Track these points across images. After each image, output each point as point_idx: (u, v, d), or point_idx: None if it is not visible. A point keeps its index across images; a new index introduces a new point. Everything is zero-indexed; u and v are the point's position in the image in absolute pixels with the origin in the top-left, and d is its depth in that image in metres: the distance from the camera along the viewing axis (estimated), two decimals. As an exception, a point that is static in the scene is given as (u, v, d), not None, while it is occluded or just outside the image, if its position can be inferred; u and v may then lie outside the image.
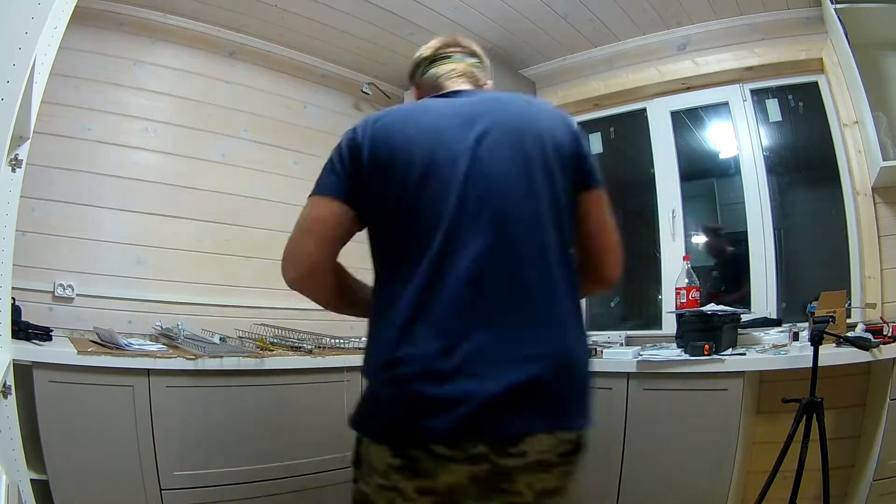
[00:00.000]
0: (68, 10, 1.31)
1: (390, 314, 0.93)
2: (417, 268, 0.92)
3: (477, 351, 0.89)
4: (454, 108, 1.03)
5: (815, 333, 1.58)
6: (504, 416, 0.89)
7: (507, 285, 0.93)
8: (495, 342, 0.90)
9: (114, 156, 2.30)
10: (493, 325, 0.91)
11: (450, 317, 0.90)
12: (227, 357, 1.92)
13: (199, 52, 2.55)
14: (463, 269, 0.91)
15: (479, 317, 0.90)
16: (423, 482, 0.90)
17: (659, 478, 1.89)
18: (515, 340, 0.91)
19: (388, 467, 0.91)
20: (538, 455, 0.92)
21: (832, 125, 2.29)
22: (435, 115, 1.02)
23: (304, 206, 1.06)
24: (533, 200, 0.96)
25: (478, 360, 0.89)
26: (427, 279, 0.91)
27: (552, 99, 2.92)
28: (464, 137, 0.97)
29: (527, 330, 0.92)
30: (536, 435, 0.91)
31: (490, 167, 0.96)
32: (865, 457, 1.79)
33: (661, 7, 2.42)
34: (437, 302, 0.90)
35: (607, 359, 2.09)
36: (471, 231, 0.93)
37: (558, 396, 0.94)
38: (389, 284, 0.97)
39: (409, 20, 2.53)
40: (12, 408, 1.31)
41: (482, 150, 0.96)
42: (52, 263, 2.12)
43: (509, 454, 0.91)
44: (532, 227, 0.95)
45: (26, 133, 1.28)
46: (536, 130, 1.01)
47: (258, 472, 1.94)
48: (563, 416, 0.95)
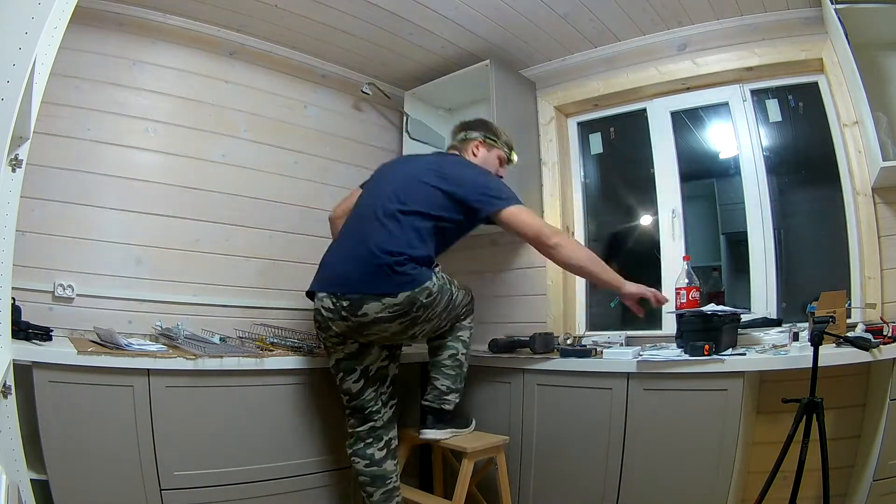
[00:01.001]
0: (68, 11, 1.31)
1: None
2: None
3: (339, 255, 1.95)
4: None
5: (815, 333, 1.58)
6: (339, 285, 1.85)
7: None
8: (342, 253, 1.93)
9: (114, 156, 2.30)
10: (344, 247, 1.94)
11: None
12: (227, 357, 1.92)
13: (199, 52, 2.55)
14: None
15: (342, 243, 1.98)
16: (324, 333, 1.93)
17: (659, 478, 1.90)
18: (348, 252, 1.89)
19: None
20: (374, 315, 1.80)
21: (832, 125, 2.29)
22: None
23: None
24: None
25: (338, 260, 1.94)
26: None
27: (552, 99, 2.93)
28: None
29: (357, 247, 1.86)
30: (368, 302, 1.79)
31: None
32: (865, 457, 1.79)
33: (661, 7, 2.42)
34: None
35: (607, 359, 2.10)
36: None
37: (368, 278, 1.79)
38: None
39: (409, 20, 2.53)
40: (12, 408, 1.32)
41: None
42: (52, 263, 2.12)
43: (358, 315, 1.81)
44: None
45: (26, 133, 1.28)
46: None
47: (258, 472, 1.95)
48: (374, 287, 1.78)
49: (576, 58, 2.83)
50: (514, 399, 2.27)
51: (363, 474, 1.96)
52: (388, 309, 1.79)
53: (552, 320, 2.78)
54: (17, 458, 1.33)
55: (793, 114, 2.46)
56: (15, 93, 1.08)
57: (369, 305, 1.79)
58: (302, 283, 2.80)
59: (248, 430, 1.95)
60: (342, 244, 1.97)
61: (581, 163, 2.99)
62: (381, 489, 1.95)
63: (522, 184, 2.81)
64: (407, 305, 1.79)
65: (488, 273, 3.03)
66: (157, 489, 1.74)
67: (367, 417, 1.97)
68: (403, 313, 1.81)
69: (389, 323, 1.81)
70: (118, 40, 2.34)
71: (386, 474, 1.96)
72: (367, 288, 1.79)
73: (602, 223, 2.99)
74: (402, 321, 1.82)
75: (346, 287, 1.83)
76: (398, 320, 1.82)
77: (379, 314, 1.79)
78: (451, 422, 2.11)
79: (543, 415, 2.19)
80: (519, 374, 2.27)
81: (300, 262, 2.80)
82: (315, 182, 2.89)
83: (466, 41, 2.71)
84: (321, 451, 2.11)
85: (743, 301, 2.39)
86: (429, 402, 2.07)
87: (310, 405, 2.11)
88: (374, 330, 1.84)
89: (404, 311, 1.80)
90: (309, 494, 2.06)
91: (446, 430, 2.07)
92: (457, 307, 2.03)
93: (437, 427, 2.06)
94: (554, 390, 2.17)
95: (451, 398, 2.07)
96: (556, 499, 2.12)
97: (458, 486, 1.94)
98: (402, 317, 1.81)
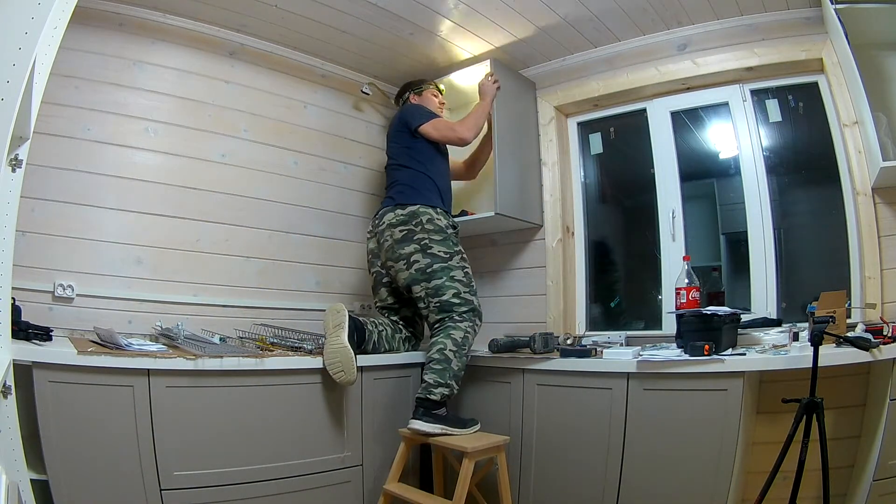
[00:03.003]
0: (68, 11, 1.31)
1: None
2: None
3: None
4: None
5: (815, 333, 1.58)
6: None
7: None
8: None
9: (114, 156, 2.30)
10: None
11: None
12: (227, 357, 1.92)
13: (199, 52, 2.55)
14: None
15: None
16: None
17: (659, 478, 1.90)
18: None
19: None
20: (388, 221, 2.40)
21: (832, 125, 2.29)
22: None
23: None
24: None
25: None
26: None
27: (552, 99, 2.93)
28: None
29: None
30: (386, 213, 2.43)
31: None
32: (865, 457, 1.79)
33: (661, 7, 2.42)
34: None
35: (607, 359, 2.10)
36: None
37: (394, 196, 2.46)
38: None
39: (409, 20, 2.53)
40: (12, 408, 1.32)
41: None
42: (51, 263, 2.12)
43: (381, 222, 2.45)
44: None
45: (26, 133, 1.28)
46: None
47: (258, 472, 1.94)
48: (391, 201, 2.45)
49: (576, 58, 2.84)
50: (514, 399, 2.27)
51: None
52: (397, 216, 2.37)
53: (552, 320, 2.78)
54: (17, 458, 1.33)
55: (793, 114, 2.46)
56: (15, 93, 1.08)
57: (387, 215, 2.41)
58: (302, 282, 2.83)
59: (247, 431, 1.95)
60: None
61: (581, 163, 2.99)
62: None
63: (523, 183, 2.82)
64: (409, 216, 2.35)
65: (488, 273, 3.03)
66: (157, 489, 1.74)
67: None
68: (404, 222, 2.35)
69: (395, 228, 2.36)
70: (118, 40, 2.34)
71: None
72: (389, 203, 2.46)
73: (602, 223, 2.99)
74: (403, 229, 2.34)
75: (380, 209, 2.51)
76: (400, 227, 2.35)
77: (391, 220, 2.38)
78: (442, 418, 2.12)
79: (543, 415, 2.19)
80: (519, 374, 2.27)
81: (300, 262, 2.81)
82: (315, 182, 2.90)
83: (466, 41, 2.71)
84: (321, 450, 2.11)
85: (743, 301, 2.39)
86: (417, 394, 2.17)
87: (310, 405, 2.11)
88: (386, 236, 2.40)
89: (405, 220, 2.35)
90: (309, 494, 2.05)
91: (435, 425, 2.10)
92: (450, 278, 2.32)
93: (423, 419, 2.10)
94: (554, 390, 2.18)
95: (438, 391, 2.13)
96: (557, 498, 2.12)
97: (458, 486, 1.94)
98: (404, 224, 2.35)
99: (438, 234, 2.33)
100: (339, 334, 2.10)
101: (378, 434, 2.26)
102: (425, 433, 2.09)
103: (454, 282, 2.31)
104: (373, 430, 2.25)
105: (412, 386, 2.36)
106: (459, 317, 2.28)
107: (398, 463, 2.14)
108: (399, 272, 2.37)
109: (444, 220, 2.39)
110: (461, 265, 2.36)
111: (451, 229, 2.41)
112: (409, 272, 2.33)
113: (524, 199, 2.82)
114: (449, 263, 2.32)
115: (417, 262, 2.31)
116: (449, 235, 2.37)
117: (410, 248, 2.32)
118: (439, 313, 2.30)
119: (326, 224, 2.91)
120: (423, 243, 2.31)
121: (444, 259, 2.32)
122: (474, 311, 2.34)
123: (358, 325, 2.23)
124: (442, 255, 2.32)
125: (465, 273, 2.36)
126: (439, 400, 2.13)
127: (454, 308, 2.29)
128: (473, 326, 2.31)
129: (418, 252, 2.31)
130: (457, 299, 2.29)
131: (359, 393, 2.22)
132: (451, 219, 2.47)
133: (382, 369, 2.31)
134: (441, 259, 2.31)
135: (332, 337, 2.11)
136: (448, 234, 2.37)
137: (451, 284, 2.30)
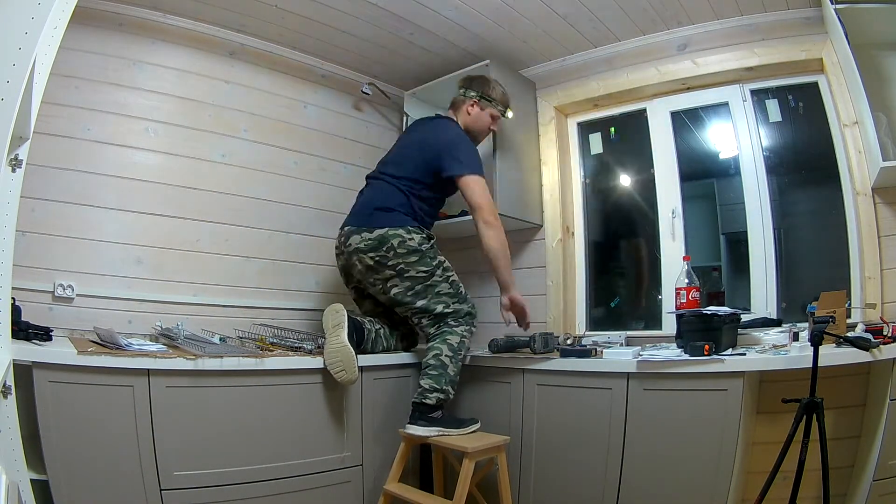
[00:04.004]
0: (68, 11, 1.31)
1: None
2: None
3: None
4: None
5: (815, 334, 1.58)
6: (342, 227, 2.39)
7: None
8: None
9: (114, 156, 2.30)
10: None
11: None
12: (227, 357, 1.92)
13: (199, 52, 2.55)
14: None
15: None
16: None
17: (659, 478, 1.89)
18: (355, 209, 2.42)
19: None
20: (355, 245, 2.26)
21: (832, 125, 2.29)
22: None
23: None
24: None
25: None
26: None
27: (552, 99, 2.93)
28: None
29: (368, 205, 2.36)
30: (353, 235, 2.27)
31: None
32: (865, 457, 1.79)
33: (661, 7, 2.42)
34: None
35: (607, 359, 2.09)
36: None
37: (358, 216, 2.33)
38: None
39: (409, 20, 2.53)
40: (12, 408, 1.32)
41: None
42: (52, 263, 2.12)
43: (347, 245, 2.29)
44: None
45: (26, 133, 1.28)
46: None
47: (258, 472, 1.94)
48: (359, 223, 2.28)
49: (576, 58, 2.84)
50: (514, 399, 2.27)
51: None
52: (365, 242, 2.23)
53: (552, 320, 2.78)
54: (17, 458, 1.33)
55: (793, 114, 2.46)
56: (15, 93, 1.08)
57: (353, 238, 2.27)
58: (302, 282, 2.83)
59: (247, 431, 1.95)
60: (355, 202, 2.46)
61: (581, 163, 2.99)
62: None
63: (523, 183, 2.82)
64: (378, 242, 2.21)
65: (488, 273, 3.02)
66: (157, 489, 1.74)
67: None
68: (374, 248, 2.21)
69: (364, 254, 2.23)
70: (118, 40, 2.34)
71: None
72: (354, 221, 2.31)
73: (602, 222, 2.99)
74: (373, 255, 2.22)
75: (344, 226, 2.36)
76: (370, 253, 2.22)
77: (358, 245, 2.24)
78: (438, 421, 2.12)
79: (543, 415, 2.19)
80: (519, 374, 2.27)
81: (300, 262, 2.81)
82: (315, 182, 2.90)
83: (466, 41, 2.71)
84: (321, 451, 2.11)
85: (743, 301, 2.39)
86: (413, 399, 2.16)
87: (310, 405, 2.11)
88: (354, 261, 2.28)
89: (374, 246, 2.21)
90: (309, 494, 2.05)
91: (431, 428, 2.10)
92: (435, 294, 2.25)
93: (419, 423, 2.10)
94: (554, 390, 2.17)
95: (433, 396, 2.13)
96: (557, 498, 2.12)
97: (458, 486, 1.94)
98: (374, 251, 2.22)
99: (413, 254, 2.21)
100: (338, 333, 2.10)
101: (378, 434, 2.26)
102: (419, 436, 2.09)
103: (440, 297, 2.26)
104: (373, 430, 2.25)
105: (412, 386, 2.36)
106: (455, 321, 2.28)
107: (398, 463, 2.14)
108: (378, 294, 2.33)
109: (417, 236, 2.24)
110: (444, 276, 2.28)
111: (427, 243, 2.27)
112: (389, 297, 2.27)
113: (524, 198, 2.82)
114: (431, 281, 2.25)
115: (396, 287, 2.24)
116: (425, 252, 2.24)
117: (386, 274, 2.23)
118: (432, 326, 2.29)
119: (326, 224, 2.90)
120: (398, 269, 2.21)
121: (424, 279, 2.24)
122: (469, 315, 2.32)
123: (356, 324, 2.22)
124: (421, 275, 2.23)
125: (451, 283, 2.30)
126: (435, 404, 2.13)
127: (448, 317, 2.27)
128: (469, 329, 2.31)
129: (395, 277, 2.23)
130: (448, 310, 2.27)
131: (359, 393, 2.22)
132: (426, 231, 2.31)
133: (382, 369, 2.31)
134: (421, 280, 2.23)
135: (331, 336, 2.11)
136: (423, 251, 2.23)
137: (438, 300, 2.26)
